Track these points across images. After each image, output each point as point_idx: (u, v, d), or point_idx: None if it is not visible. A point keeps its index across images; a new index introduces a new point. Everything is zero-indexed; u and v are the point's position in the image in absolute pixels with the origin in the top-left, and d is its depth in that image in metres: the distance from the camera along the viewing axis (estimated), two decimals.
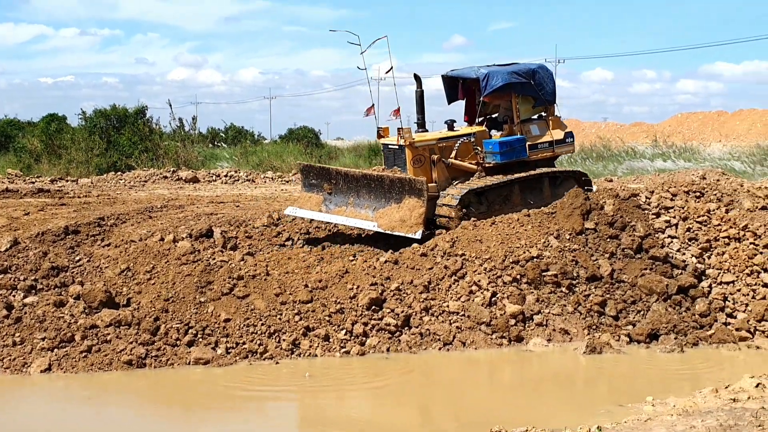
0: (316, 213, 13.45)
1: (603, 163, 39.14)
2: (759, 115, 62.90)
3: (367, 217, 12.86)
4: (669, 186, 12.89)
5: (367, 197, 12.98)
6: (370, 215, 12.82)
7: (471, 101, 14.69)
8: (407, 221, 12.25)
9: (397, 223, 12.32)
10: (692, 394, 7.44)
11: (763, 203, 12.39)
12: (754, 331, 10.49)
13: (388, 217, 12.50)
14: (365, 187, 13.01)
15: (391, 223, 12.37)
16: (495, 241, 11.53)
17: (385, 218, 12.51)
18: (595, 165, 38.59)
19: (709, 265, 11.35)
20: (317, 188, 13.71)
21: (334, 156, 38.78)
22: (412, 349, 10.01)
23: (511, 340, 10.21)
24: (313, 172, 13.94)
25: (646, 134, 56.84)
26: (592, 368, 9.49)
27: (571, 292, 10.86)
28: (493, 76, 13.64)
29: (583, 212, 11.81)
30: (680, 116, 68.47)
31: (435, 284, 10.83)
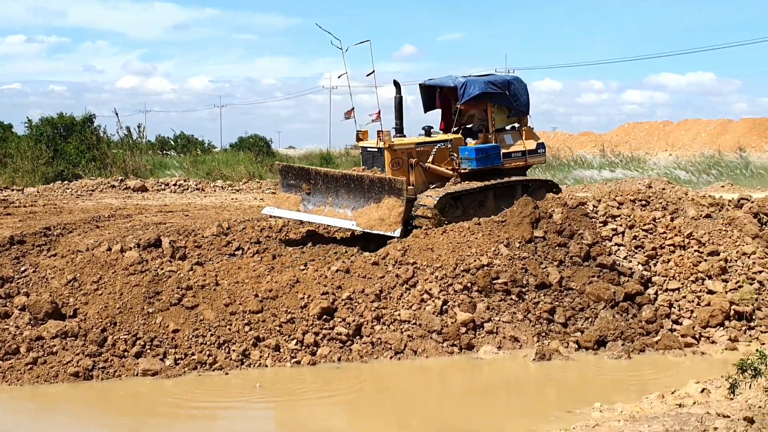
0: (294, 213, 13.63)
1: (552, 172, 39.63)
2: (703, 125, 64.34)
3: (345, 216, 13.08)
4: (616, 195, 13.10)
5: (346, 197, 13.21)
6: (349, 215, 13.02)
7: (447, 110, 15.08)
8: (386, 220, 12.51)
9: (376, 221, 12.55)
10: (639, 399, 7.56)
11: (707, 211, 12.66)
12: (699, 338, 10.69)
13: (367, 216, 12.72)
14: (344, 187, 13.23)
15: (370, 222, 12.59)
16: (446, 249, 11.59)
17: (364, 217, 12.73)
18: (545, 174, 39.07)
19: (655, 273, 11.55)
20: (296, 188, 13.88)
21: None
22: (364, 359, 10.00)
23: (462, 348, 10.26)
24: (291, 173, 14.12)
25: (594, 143, 57.77)
26: (541, 375, 9.58)
27: (520, 299, 10.96)
28: (470, 84, 14.09)
29: (532, 221, 11.94)
30: (627, 126, 69.75)
31: (386, 293, 10.84)
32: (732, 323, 10.79)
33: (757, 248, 11.87)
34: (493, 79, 14.58)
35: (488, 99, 14.41)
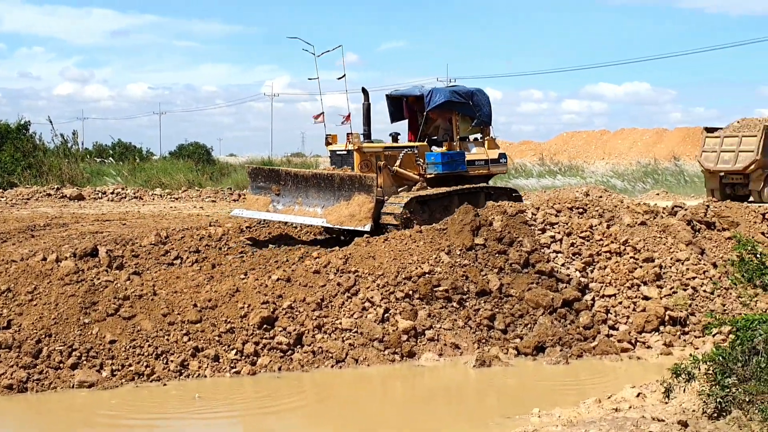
0: (263, 213, 13.97)
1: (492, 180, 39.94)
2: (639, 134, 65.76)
3: (315, 214, 13.36)
4: (554, 203, 13.30)
5: (316, 196, 13.55)
6: (319, 212, 13.32)
7: (414, 120, 15.71)
8: (356, 216, 12.84)
9: (346, 218, 12.86)
10: (577, 404, 7.66)
11: (642, 219, 12.93)
12: (635, 343, 10.90)
13: (337, 213, 13.03)
14: (314, 186, 13.60)
15: (341, 218, 12.89)
16: (388, 257, 11.61)
17: (335, 214, 13.04)
18: None
19: (592, 279, 11.75)
20: (265, 190, 14.20)
21: (227, 173, 38.26)
22: (305, 368, 9.95)
23: (404, 355, 10.28)
24: (261, 175, 14.48)
25: (534, 152, 58.65)
26: (481, 381, 9.66)
27: (461, 306, 11.04)
28: (436, 92, 14.83)
29: (473, 228, 12.04)
30: (566, 135, 70.90)
31: (328, 301, 10.81)
32: (667, 328, 11.02)
33: (691, 255, 12.17)
34: (457, 89, 15.21)
35: (453, 108, 15.03)
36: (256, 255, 12.96)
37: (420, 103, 15.18)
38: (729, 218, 13.57)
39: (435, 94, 14.75)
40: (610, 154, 60.41)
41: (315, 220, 13.35)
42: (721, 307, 11.34)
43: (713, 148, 28.06)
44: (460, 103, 15.04)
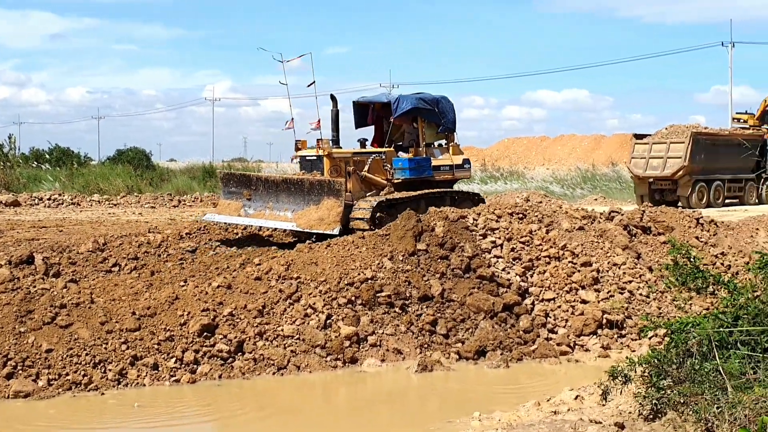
0: (234, 218, 14.35)
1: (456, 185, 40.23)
2: (578, 141, 66.92)
3: (286, 218, 13.75)
4: (495, 208, 13.43)
5: (286, 201, 14.00)
6: (289, 216, 13.77)
7: (380, 126, 16.15)
8: (325, 219, 13.22)
9: (315, 221, 13.22)
10: (517, 408, 7.74)
11: (580, 224, 13.14)
12: (574, 346, 11.07)
13: (306, 217, 13.40)
14: (285, 191, 14.03)
15: (310, 222, 13.25)
16: (330, 263, 11.59)
17: (304, 218, 13.40)
18: None
19: (531, 283, 11.90)
20: (237, 195, 14.62)
21: (167, 178, 37.77)
22: (246, 375, 9.86)
23: (346, 361, 10.27)
24: (233, 180, 14.92)
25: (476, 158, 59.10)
26: (423, 386, 9.70)
27: (404, 312, 11.07)
28: (403, 100, 15.24)
29: (415, 234, 12.09)
30: (507, 141, 71.79)
31: (269, 308, 10.74)
32: (604, 331, 11.21)
33: (627, 259, 12.41)
34: (423, 96, 15.67)
35: (419, 114, 15.48)
36: (196, 262, 12.83)
37: (386, 110, 15.58)
38: (664, 223, 13.88)
39: (402, 101, 15.14)
40: (550, 160, 61.35)
41: (285, 224, 13.65)
42: (656, 310, 11.58)
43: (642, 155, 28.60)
44: (426, 110, 15.47)
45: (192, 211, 26.21)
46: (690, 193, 27.27)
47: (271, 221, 13.94)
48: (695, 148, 27.23)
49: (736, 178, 28.85)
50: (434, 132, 15.93)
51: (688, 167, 27.06)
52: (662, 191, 27.91)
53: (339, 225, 13.08)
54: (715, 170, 28.14)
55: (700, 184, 27.71)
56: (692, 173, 27.35)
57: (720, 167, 28.23)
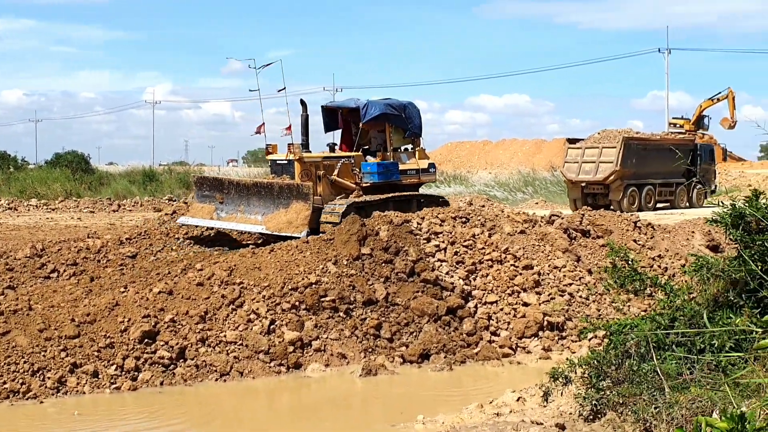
0: (207, 221, 14.82)
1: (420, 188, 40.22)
2: (519, 145, 67.67)
3: (256, 221, 14.15)
4: (438, 212, 13.53)
5: (257, 204, 14.48)
6: (260, 219, 14.16)
7: (347, 130, 16.65)
8: (294, 222, 13.60)
9: (284, 224, 13.62)
10: (460, 410, 7.80)
11: (521, 227, 13.31)
12: (516, 348, 11.20)
13: (276, 221, 13.81)
14: (255, 195, 14.53)
15: (279, 225, 13.67)
16: (274, 268, 11.53)
17: (273, 221, 13.81)
18: None
19: (474, 287, 12.01)
20: (210, 199, 15.10)
21: (106, 182, 37.13)
22: (188, 382, 9.75)
23: (290, 367, 10.22)
24: (206, 184, 15.46)
25: None
26: (367, 390, 9.71)
27: (348, 316, 11.07)
28: (371, 105, 15.75)
29: (359, 238, 12.11)
30: (450, 145, 72.23)
31: (212, 314, 10.64)
32: (545, 333, 11.37)
33: (567, 262, 12.61)
34: (391, 102, 16.23)
35: (387, 120, 16.03)
36: (137, 267, 12.65)
37: (355, 115, 16.09)
38: (603, 226, 14.14)
39: (371, 107, 15.68)
40: (493, 164, 61.91)
41: (255, 227, 14.08)
42: (596, 312, 11.79)
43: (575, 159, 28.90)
44: (394, 116, 16.04)
45: (132, 216, 25.81)
46: (621, 197, 27.56)
47: (242, 224, 14.30)
48: (627, 153, 27.55)
49: (666, 182, 29.22)
50: (401, 137, 16.44)
51: (619, 172, 27.40)
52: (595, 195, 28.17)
53: (307, 228, 13.38)
54: (647, 175, 28.47)
55: (632, 189, 28.05)
56: (624, 178, 27.65)
57: (651, 172, 28.59)
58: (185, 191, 32.77)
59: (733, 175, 41.24)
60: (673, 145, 30.37)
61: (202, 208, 15.04)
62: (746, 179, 38.86)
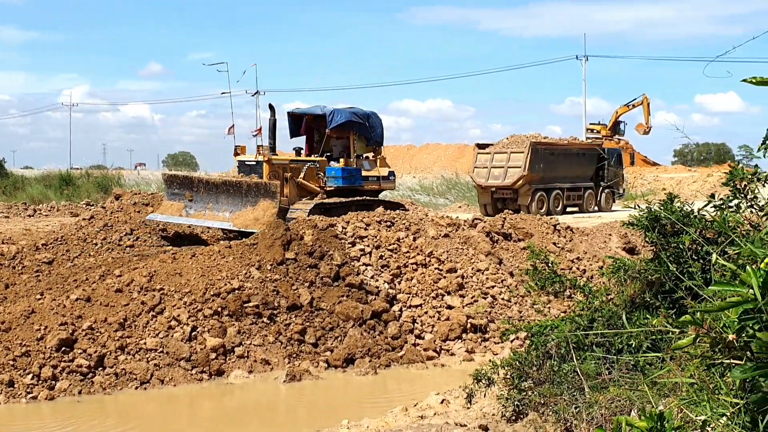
0: (176, 218, 15.29)
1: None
2: (443, 149, 68.38)
3: (224, 218, 14.81)
4: (363, 216, 13.54)
5: (225, 202, 15.16)
6: (227, 217, 14.77)
7: (311, 136, 17.66)
8: (260, 219, 14.06)
9: (251, 221, 14.08)
10: (385, 414, 7.81)
11: (445, 231, 13.43)
12: (440, 350, 11.29)
13: (243, 218, 14.33)
14: (224, 193, 15.23)
15: (246, 222, 14.14)
16: (195, 273, 11.35)
17: (241, 219, 14.32)
18: None
19: (399, 290, 12.06)
20: (179, 197, 15.68)
21: (21, 186, 36.01)
22: (107, 391, 9.52)
23: (212, 374, 10.08)
24: (176, 182, 15.98)
25: None
26: (291, 396, 9.64)
27: (272, 322, 10.98)
28: (337, 113, 16.77)
29: (283, 243, 12.02)
30: None
31: (131, 321, 10.41)
32: (469, 336, 11.50)
33: (490, 265, 12.78)
34: (356, 111, 17.25)
35: (351, 128, 17.04)
36: (53, 274, 12.30)
37: (319, 122, 17.15)
38: (524, 229, 14.37)
39: (337, 114, 16.68)
40: (417, 168, 62.36)
41: (223, 223, 14.74)
42: (518, 313, 11.97)
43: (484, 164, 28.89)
44: (358, 124, 17.02)
45: (48, 221, 25.09)
46: (530, 201, 27.62)
47: (210, 221, 14.85)
48: (534, 158, 27.71)
49: (575, 187, 29.45)
50: (364, 144, 17.40)
51: (527, 176, 27.51)
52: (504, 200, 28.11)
53: None
54: (555, 179, 28.59)
55: (540, 193, 28.14)
56: (532, 182, 27.78)
57: (559, 176, 28.76)
58: (103, 195, 32.01)
59: (648, 179, 42.47)
60: (581, 150, 30.65)
61: (172, 206, 15.53)
62: (661, 183, 40.07)
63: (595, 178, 30.56)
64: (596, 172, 30.68)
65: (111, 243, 15.12)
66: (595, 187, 30.55)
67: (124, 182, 40.68)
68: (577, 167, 29.36)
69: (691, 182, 40.24)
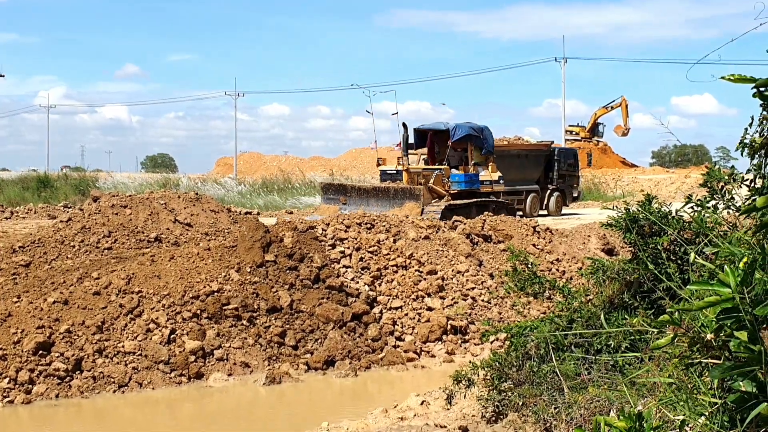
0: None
1: (285, 195, 40.03)
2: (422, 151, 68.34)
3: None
4: (343, 218, 13.52)
5: (375, 204, 18.64)
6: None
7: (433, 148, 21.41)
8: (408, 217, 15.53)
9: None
10: (365, 416, 7.79)
11: (425, 233, 13.43)
12: (420, 352, 11.28)
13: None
14: (374, 196, 19.28)
15: None
16: (174, 276, 11.28)
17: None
18: (279, 197, 39.40)
19: (380, 292, 12.04)
20: (334, 201, 19.66)
21: None
22: (85, 394, 9.44)
23: (191, 377, 10.01)
24: (331, 189, 20.42)
25: (324, 168, 59.34)
26: (271, 398, 9.60)
27: (252, 324, 10.93)
28: (458, 128, 20.29)
29: (263, 245, 11.97)
30: (354, 151, 72.42)
31: (109, 324, 10.33)
32: (449, 337, 11.50)
33: (470, 266, 12.79)
34: (472, 125, 20.87)
35: (469, 140, 20.54)
36: (31, 276, 12.17)
37: (441, 136, 20.80)
38: (504, 231, 14.40)
39: (457, 129, 20.17)
40: None
41: None
42: (497, 315, 11.99)
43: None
44: (475, 136, 20.48)
45: (26, 223, 24.86)
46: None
47: None
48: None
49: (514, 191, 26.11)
50: (479, 153, 20.68)
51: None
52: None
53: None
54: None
55: None
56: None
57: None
58: (81, 197, 31.78)
59: (626, 180, 42.76)
60: (523, 151, 28.36)
61: (328, 208, 18.97)
62: (639, 184, 40.34)
63: (543, 181, 28.40)
64: (545, 174, 28.53)
65: (89, 245, 14.99)
66: (543, 191, 28.29)
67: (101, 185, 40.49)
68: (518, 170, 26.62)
69: (669, 183, 40.58)
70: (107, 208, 16.17)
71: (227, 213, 18.11)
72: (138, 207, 16.42)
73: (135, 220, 16.08)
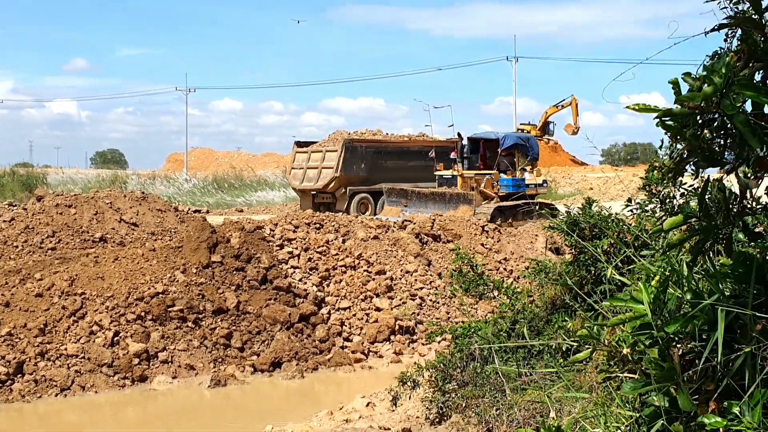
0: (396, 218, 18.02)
1: (236, 193, 39.71)
2: None
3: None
4: (292, 218, 13.45)
5: (432, 207, 20.90)
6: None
7: (484, 155, 23.45)
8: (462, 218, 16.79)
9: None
10: (310, 418, 7.78)
11: (374, 233, 13.44)
12: (368, 353, 11.28)
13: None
14: (432, 200, 21.63)
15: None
16: (118, 277, 11.12)
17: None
18: (229, 195, 39.08)
19: (328, 293, 12.02)
20: (397, 203, 22.43)
21: None
22: (26, 398, 9.26)
23: (135, 380, 9.89)
24: (393, 193, 23.10)
25: (277, 164, 59.03)
26: (216, 401, 9.52)
27: (197, 326, 10.82)
28: (508, 137, 22.73)
29: (209, 245, 11.86)
30: None
31: (52, 326, 10.15)
32: (397, 337, 11.52)
33: (419, 266, 12.83)
34: (520, 135, 24.22)
35: (517, 148, 22.70)
36: None
37: (491, 144, 23.03)
38: (453, 231, 14.47)
39: (507, 139, 22.56)
40: None
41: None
42: (446, 315, 12.05)
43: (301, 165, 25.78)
44: (522, 145, 22.81)
45: None
46: (347, 206, 24.76)
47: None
48: (350, 157, 24.86)
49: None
50: (525, 159, 22.61)
51: (340, 178, 24.73)
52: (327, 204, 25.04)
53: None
54: (386, 180, 24.82)
55: (362, 196, 25.14)
56: (349, 185, 24.94)
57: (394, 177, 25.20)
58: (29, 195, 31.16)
59: (576, 179, 43.23)
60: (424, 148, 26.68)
61: (391, 210, 21.91)
62: (588, 183, 40.84)
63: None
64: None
65: (32, 246, 14.70)
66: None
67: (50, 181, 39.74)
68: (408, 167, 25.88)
69: (617, 182, 41.12)
70: (51, 208, 15.87)
71: (174, 212, 17.89)
72: (83, 206, 16.14)
73: (80, 219, 15.81)
